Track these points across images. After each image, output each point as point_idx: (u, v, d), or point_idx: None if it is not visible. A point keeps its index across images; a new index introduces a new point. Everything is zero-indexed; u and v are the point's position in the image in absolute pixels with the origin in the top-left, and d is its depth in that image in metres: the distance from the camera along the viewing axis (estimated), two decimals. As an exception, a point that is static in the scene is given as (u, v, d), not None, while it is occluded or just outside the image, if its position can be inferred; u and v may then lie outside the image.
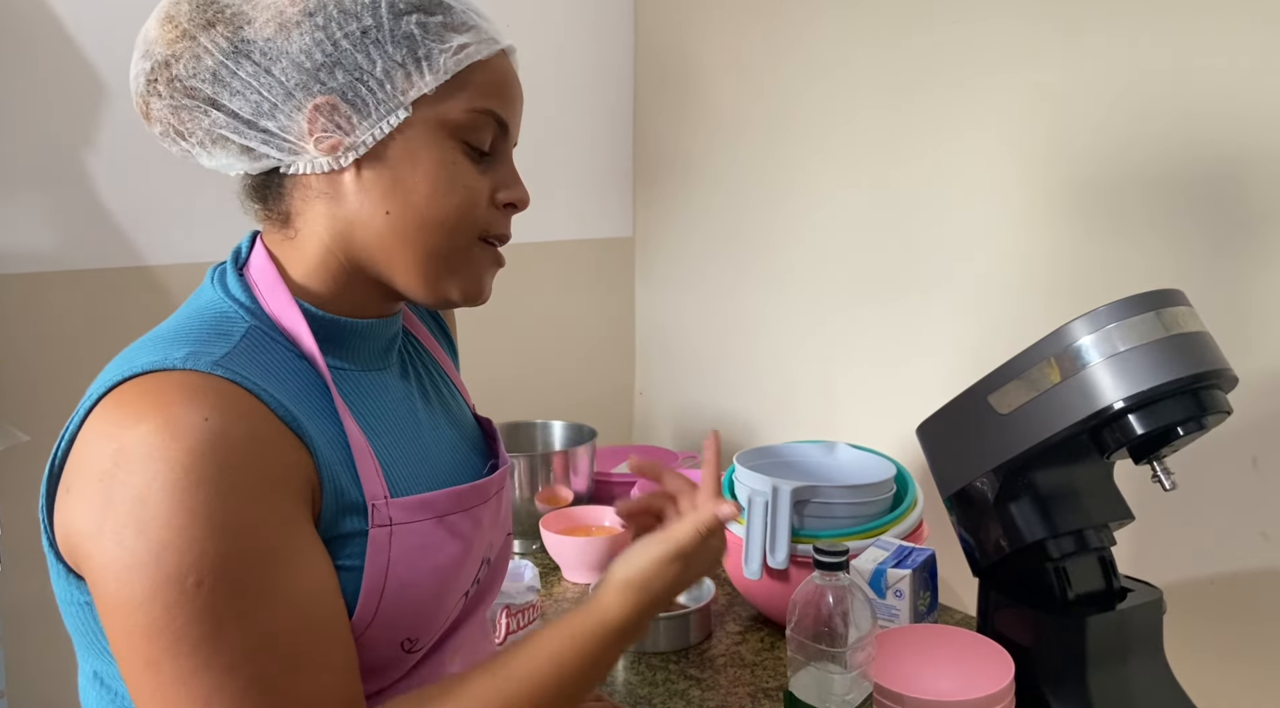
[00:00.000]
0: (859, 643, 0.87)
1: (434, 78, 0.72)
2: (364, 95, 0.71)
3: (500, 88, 0.77)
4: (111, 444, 0.61)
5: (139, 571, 0.59)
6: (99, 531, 0.60)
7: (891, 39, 1.52)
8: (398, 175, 0.73)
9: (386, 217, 0.73)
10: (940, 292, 1.49)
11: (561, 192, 2.01)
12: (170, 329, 0.70)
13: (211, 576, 0.59)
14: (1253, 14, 1.11)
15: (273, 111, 0.71)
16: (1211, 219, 1.18)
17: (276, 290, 0.74)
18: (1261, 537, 1.16)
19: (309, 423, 0.67)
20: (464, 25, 0.74)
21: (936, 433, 1.06)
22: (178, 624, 0.59)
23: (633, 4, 2.03)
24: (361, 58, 0.71)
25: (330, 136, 0.71)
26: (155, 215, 1.54)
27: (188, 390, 0.62)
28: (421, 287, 0.76)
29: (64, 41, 1.46)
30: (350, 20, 0.71)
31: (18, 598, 1.39)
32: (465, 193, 0.75)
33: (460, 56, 0.73)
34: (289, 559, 0.63)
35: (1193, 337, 0.89)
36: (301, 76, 0.70)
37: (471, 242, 0.77)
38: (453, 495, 0.77)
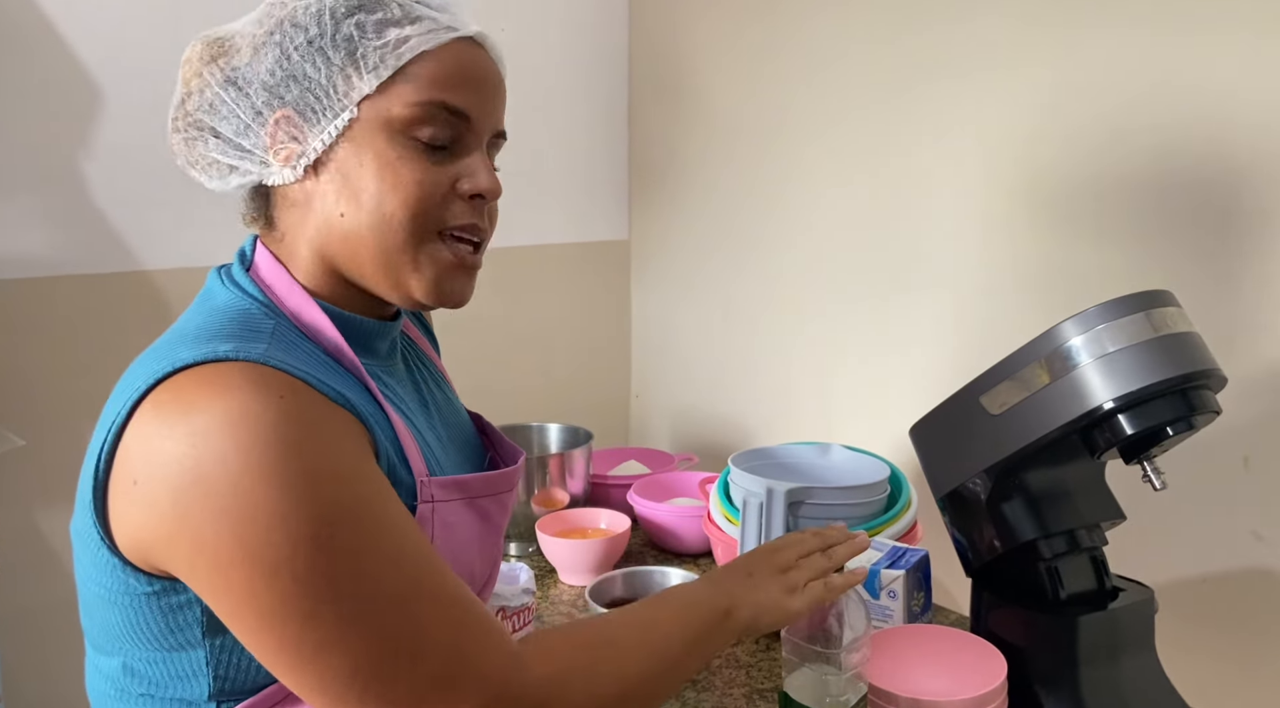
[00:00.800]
0: (853, 644, 0.88)
1: (373, 76, 0.73)
2: (313, 104, 0.74)
3: (450, 77, 0.75)
4: (183, 431, 0.62)
5: (267, 540, 0.61)
6: (194, 513, 0.61)
7: (883, 41, 1.53)
8: (347, 177, 0.74)
9: (341, 219, 0.75)
10: (933, 293, 1.50)
11: (557, 195, 2.01)
12: (199, 327, 0.71)
13: (340, 522, 0.62)
14: (1240, 17, 1.12)
15: (246, 131, 0.76)
16: (1202, 220, 1.19)
17: (292, 290, 0.77)
18: (1253, 536, 1.17)
19: (360, 405, 0.71)
20: (405, 19, 0.74)
21: (929, 434, 1.07)
22: (325, 572, 0.61)
23: (627, 8, 2.04)
24: (309, 67, 0.74)
25: (285, 147, 0.75)
26: (152, 220, 1.55)
27: (251, 376, 0.64)
28: (387, 287, 0.77)
29: (61, 47, 1.46)
30: (299, 33, 0.74)
31: (12, 604, 1.39)
32: (412, 188, 0.74)
33: (401, 50, 0.73)
34: (391, 497, 0.68)
35: (1182, 337, 0.90)
36: (266, 94, 0.75)
37: (428, 237, 0.76)
38: (484, 480, 0.82)
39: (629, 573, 1.30)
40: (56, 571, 1.44)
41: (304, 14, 0.74)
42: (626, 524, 1.46)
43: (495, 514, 0.84)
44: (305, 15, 0.74)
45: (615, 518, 1.48)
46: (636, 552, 1.52)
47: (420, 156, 0.75)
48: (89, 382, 0.70)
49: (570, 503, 1.56)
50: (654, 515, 1.49)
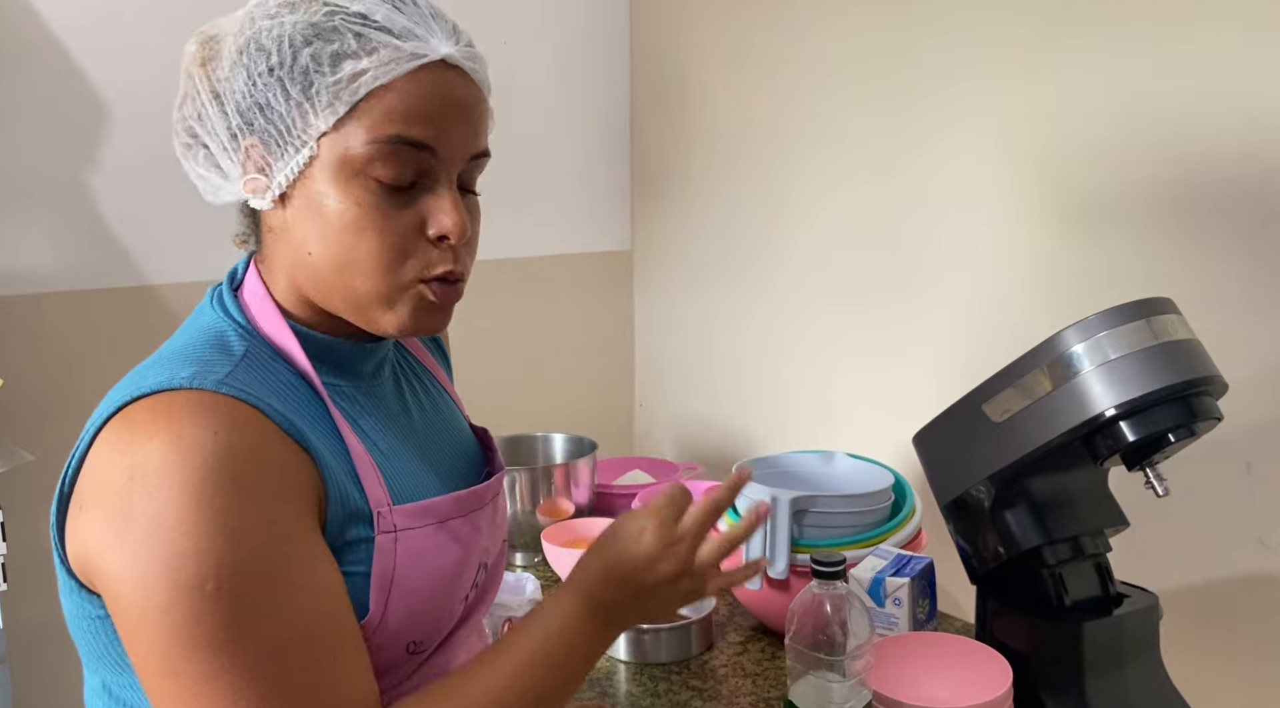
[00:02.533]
0: (857, 651, 0.88)
1: (329, 112, 0.69)
2: (276, 136, 0.70)
3: (410, 110, 0.70)
4: (125, 461, 0.63)
5: (157, 580, 0.60)
6: (117, 544, 0.62)
7: (885, 51, 1.53)
8: (312, 217, 0.71)
9: (310, 257, 0.72)
10: (936, 302, 1.50)
11: (560, 206, 2.02)
12: (173, 350, 0.72)
13: (229, 581, 0.61)
14: (1244, 24, 1.13)
15: (224, 152, 0.72)
16: (1203, 226, 1.19)
17: (267, 311, 0.75)
18: (1257, 542, 1.17)
19: (312, 436, 0.69)
20: (363, 49, 0.69)
21: (932, 442, 1.07)
22: (198, 630, 0.60)
23: (628, 18, 2.05)
24: (272, 96, 0.70)
25: (254, 178, 0.72)
26: (157, 235, 1.56)
27: (195, 407, 0.64)
28: (360, 322, 0.74)
29: (66, 63, 1.47)
30: (262, 57, 0.70)
31: (24, 617, 1.40)
32: (377, 235, 0.70)
33: (355, 85, 0.68)
34: (301, 564, 0.65)
35: (1182, 344, 0.91)
36: (239, 118, 0.71)
37: (404, 285, 0.72)
38: (452, 501, 0.79)
39: (634, 583, 1.30)
40: (65, 584, 1.44)
41: (267, 37, 0.70)
42: (632, 534, 1.46)
43: (469, 536, 0.80)
44: (268, 38, 0.70)
45: (620, 528, 1.48)
46: (642, 561, 1.52)
47: (384, 198, 0.70)
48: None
49: (575, 513, 1.56)
50: (659, 525, 1.49)
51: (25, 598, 1.36)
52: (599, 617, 0.74)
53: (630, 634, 1.20)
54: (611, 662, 1.20)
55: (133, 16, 1.51)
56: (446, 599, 0.78)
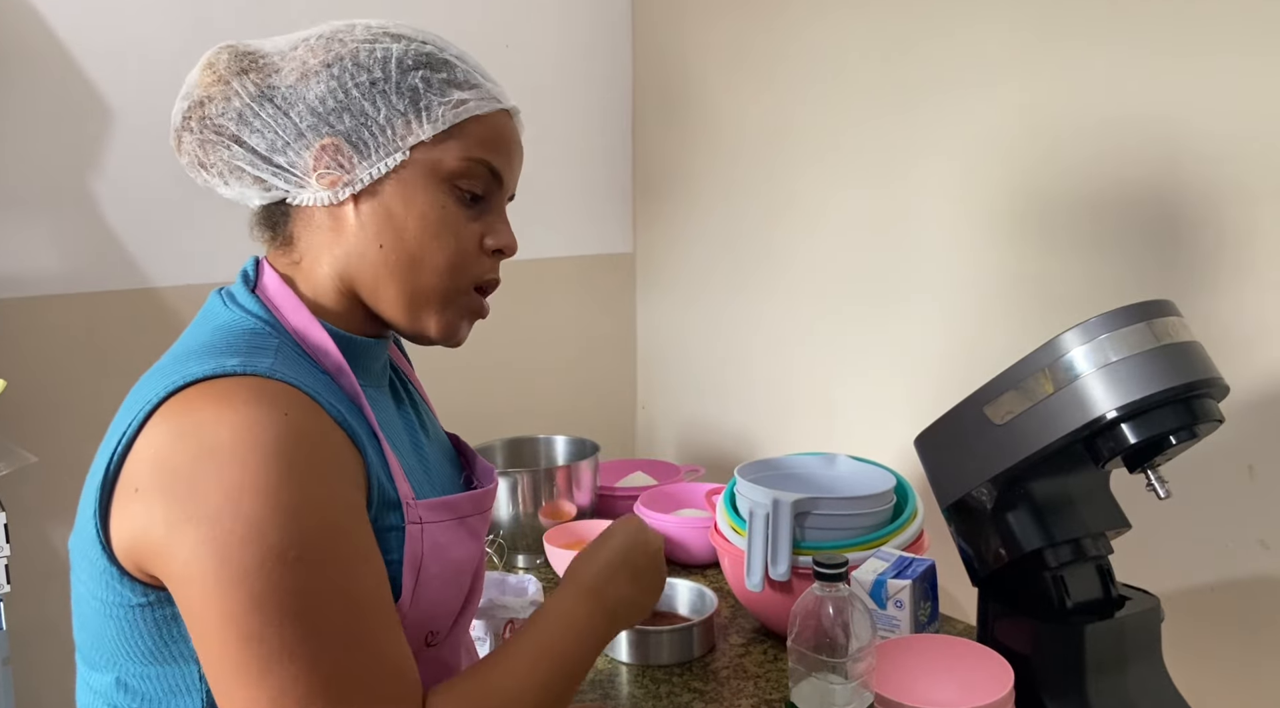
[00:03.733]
0: (859, 653, 0.88)
1: (431, 126, 0.78)
2: (366, 138, 0.78)
3: (496, 141, 0.82)
4: (189, 443, 0.65)
5: (239, 548, 0.63)
6: (186, 521, 0.63)
7: (885, 56, 1.54)
8: (392, 213, 0.79)
9: (380, 250, 0.79)
10: (939, 304, 1.50)
11: (562, 209, 2.03)
12: (205, 344, 0.73)
13: (310, 550, 0.64)
14: (1228, 34, 1.13)
15: (285, 148, 0.78)
16: (1203, 229, 1.19)
17: (299, 310, 0.79)
18: (1259, 544, 1.17)
19: (355, 425, 0.73)
20: (466, 83, 0.80)
21: (934, 444, 1.08)
22: (280, 596, 0.63)
23: (630, 20, 2.05)
24: (368, 105, 0.78)
25: (331, 173, 0.78)
26: (161, 238, 1.56)
27: (259, 391, 0.67)
28: (404, 318, 0.81)
29: (69, 66, 1.48)
30: (362, 72, 0.78)
31: (26, 619, 1.40)
32: (454, 237, 0.80)
33: (459, 110, 0.79)
34: (363, 539, 0.70)
35: (1184, 346, 0.91)
36: (313, 119, 0.78)
37: (462, 287, 0.82)
38: (470, 499, 0.84)
39: (636, 585, 1.30)
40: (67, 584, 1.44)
41: (368, 57, 0.78)
42: (634, 536, 1.46)
43: (480, 531, 0.87)
44: (370, 58, 0.78)
45: (622, 530, 1.49)
46: (644, 563, 1.52)
47: (460, 208, 0.80)
48: (99, 398, 0.71)
49: (578, 515, 1.56)
50: (661, 526, 1.50)
51: (27, 600, 1.36)
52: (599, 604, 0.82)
53: (632, 636, 1.20)
54: (613, 663, 1.20)
55: (136, 21, 1.51)
56: (460, 592, 0.83)
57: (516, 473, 1.52)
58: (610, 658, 1.22)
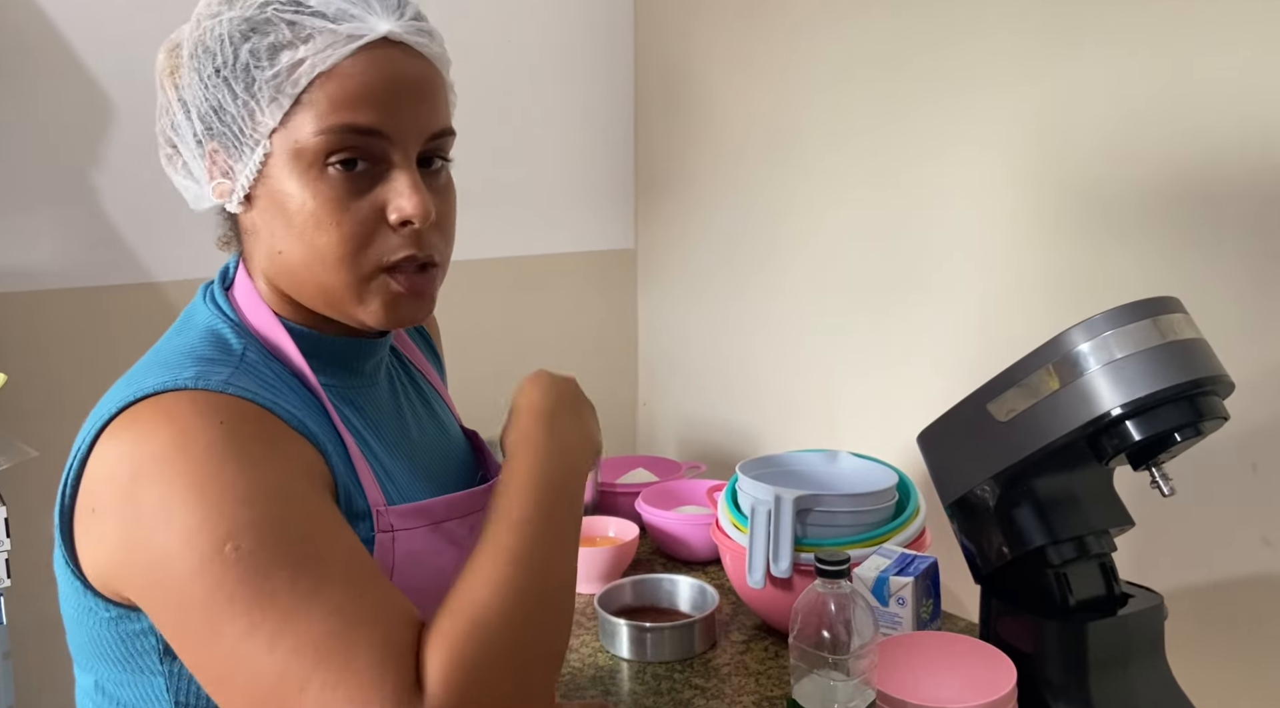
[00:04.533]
0: (861, 651, 0.88)
1: (273, 107, 0.68)
2: (233, 137, 0.70)
3: (355, 95, 0.68)
4: (129, 462, 0.62)
5: (178, 557, 0.60)
6: (131, 537, 0.62)
7: (890, 55, 1.53)
8: (275, 214, 0.71)
9: (280, 256, 0.72)
10: (940, 301, 1.50)
11: (564, 205, 2.02)
12: (173, 349, 0.72)
13: (248, 538, 0.60)
14: (1244, 25, 1.12)
15: (194, 159, 0.73)
16: (1206, 227, 1.19)
17: (259, 310, 0.75)
18: (1262, 542, 1.17)
19: (319, 431, 0.69)
20: (299, 38, 0.68)
21: (936, 441, 1.07)
22: (227, 590, 0.59)
23: (633, 17, 2.05)
24: (223, 97, 0.69)
25: (220, 182, 0.72)
26: (161, 232, 1.56)
27: (200, 405, 0.64)
28: (337, 316, 0.75)
29: (70, 60, 1.47)
30: (209, 59, 0.69)
31: (27, 614, 1.40)
32: (336, 225, 0.69)
33: (295, 76, 0.67)
34: (321, 518, 0.64)
35: (1189, 343, 0.90)
36: (200, 123, 0.71)
37: (368, 275, 0.72)
38: (448, 503, 0.79)
39: (637, 581, 1.30)
40: (68, 581, 1.45)
41: (211, 37, 0.69)
42: (635, 532, 1.46)
43: (465, 538, 0.79)
44: (212, 39, 0.69)
45: (623, 526, 1.49)
46: (645, 560, 1.52)
47: (340, 187, 0.69)
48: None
49: (578, 511, 1.56)
50: (662, 523, 1.49)
51: (28, 594, 1.36)
52: (547, 433, 0.77)
53: (633, 633, 1.20)
54: (615, 660, 1.20)
55: (136, 14, 1.51)
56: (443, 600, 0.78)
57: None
58: (612, 655, 1.21)
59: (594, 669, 1.18)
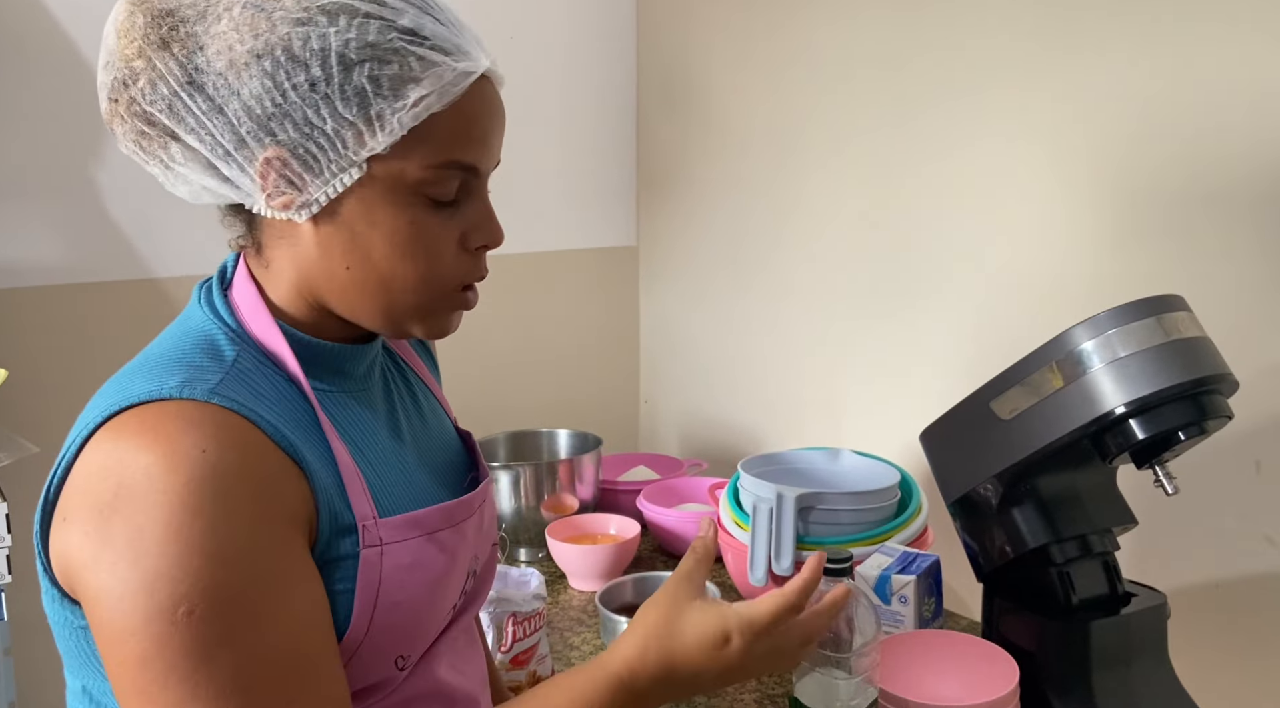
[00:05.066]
0: (863, 649, 0.87)
1: (386, 137, 0.67)
2: (314, 152, 0.67)
3: (467, 131, 0.70)
4: (112, 478, 0.61)
5: (131, 601, 0.59)
6: (96, 561, 0.61)
7: (893, 55, 1.53)
8: (355, 234, 0.70)
9: (347, 271, 0.71)
10: (943, 299, 1.50)
11: (566, 201, 2.02)
12: (162, 354, 0.70)
13: (203, 604, 0.59)
14: (1255, 25, 1.12)
15: (227, 158, 0.68)
16: (1211, 226, 1.18)
17: (259, 314, 0.73)
18: (1266, 541, 1.16)
19: (304, 446, 0.68)
20: (423, 72, 0.67)
21: (939, 439, 1.07)
22: (168, 655, 0.59)
23: (635, 15, 2.04)
24: (311, 112, 0.66)
25: (284, 194, 0.68)
26: (163, 228, 1.56)
27: (184, 421, 0.62)
28: (385, 329, 0.75)
29: (71, 54, 1.47)
30: (299, 70, 0.65)
31: (27, 609, 1.40)
32: (426, 252, 0.71)
33: (417, 110, 0.67)
34: (282, 587, 0.63)
35: (1193, 342, 0.90)
36: (252, 124, 0.67)
37: (443, 294, 0.74)
38: (440, 512, 0.77)
39: (639, 578, 1.30)
40: (69, 577, 1.45)
41: (302, 48, 0.65)
42: (636, 530, 1.46)
43: (457, 546, 0.78)
44: (304, 50, 0.65)
45: (625, 524, 1.48)
46: (646, 557, 1.52)
47: (432, 216, 0.70)
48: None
49: (580, 509, 1.56)
50: (664, 521, 1.49)
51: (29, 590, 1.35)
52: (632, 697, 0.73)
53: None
54: (616, 658, 1.20)
55: (139, 9, 1.51)
56: (433, 611, 0.76)
57: (519, 467, 1.52)
58: (613, 652, 1.21)
59: (595, 667, 1.18)
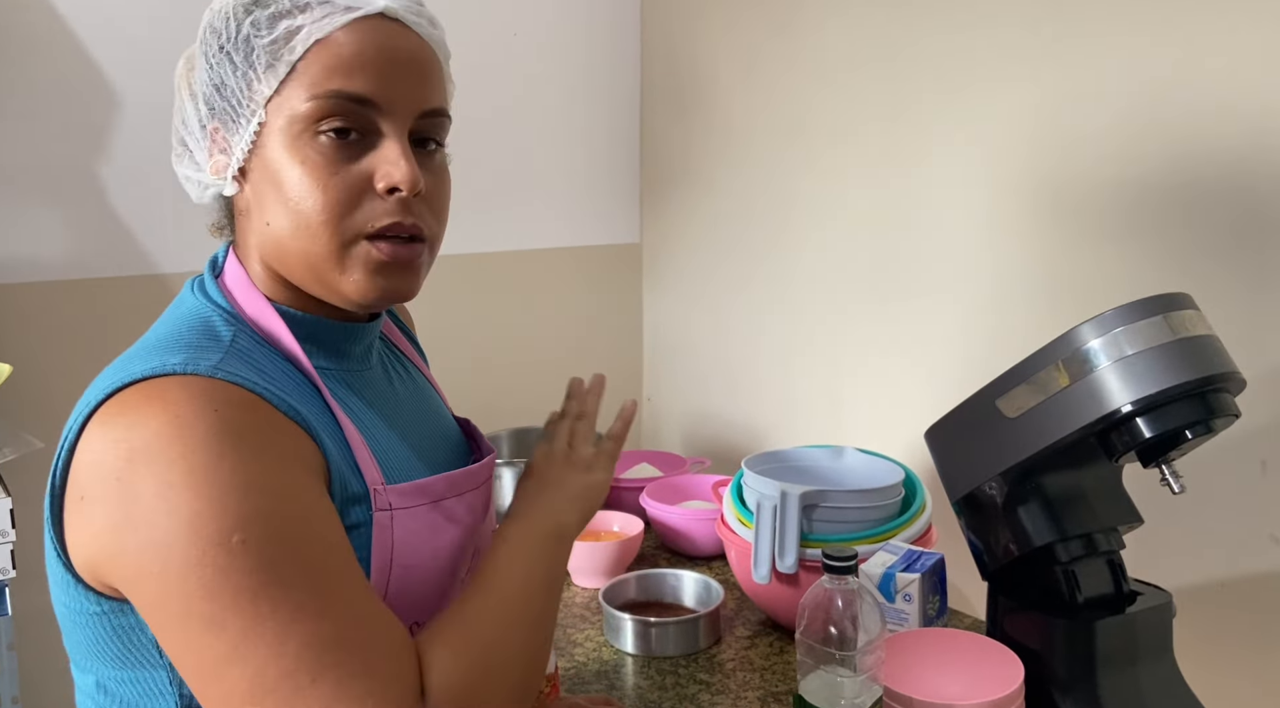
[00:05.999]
0: (868, 647, 0.87)
1: (270, 74, 0.70)
2: (231, 112, 0.72)
3: (349, 63, 0.70)
4: (123, 446, 0.62)
5: (180, 542, 0.60)
6: (126, 523, 0.61)
7: (893, 51, 1.53)
8: (268, 184, 0.72)
9: (268, 227, 0.72)
10: (947, 296, 1.49)
11: (569, 199, 2.02)
12: (159, 338, 0.72)
13: (255, 530, 0.61)
14: (1242, 19, 1.12)
15: (198, 147, 0.76)
16: (1215, 222, 1.18)
17: (251, 296, 0.75)
18: (1272, 540, 1.16)
19: (311, 418, 0.69)
20: (296, 7, 0.70)
21: (944, 437, 1.07)
22: (234, 580, 0.60)
23: (639, 11, 2.04)
24: (224, 74, 0.72)
25: (217, 159, 0.74)
26: (166, 223, 1.56)
27: (192, 390, 0.64)
28: (320, 291, 0.74)
29: (76, 52, 1.47)
30: (214, 38, 0.72)
31: (31, 605, 1.40)
32: (322, 190, 0.70)
33: (292, 43, 0.69)
34: (319, 514, 0.66)
35: (1200, 340, 0.90)
36: (205, 107, 0.74)
37: (350, 241, 0.71)
38: (447, 481, 0.80)
39: (642, 576, 1.30)
40: (72, 572, 1.45)
41: (217, 17, 0.72)
42: (639, 527, 1.46)
43: (463, 516, 0.81)
44: (218, 18, 0.72)
45: (628, 521, 1.48)
46: (650, 554, 1.52)
47: (329, 154, 0.70)
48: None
49: (583, 506, 1.56)
50: (667, 518, 1.49)
51: (34, 585, 1.36)
52: (542, 520, 0.81)
53: (638, 628, 1.19)
54: (619, 654, 1.20)
55: (144, 5, 1.51)
56: (444, 579, 0.79)
57: (522, 463, 1.52)
58: (616, 649, 1.21)
59: (599, 664, 1.18)
